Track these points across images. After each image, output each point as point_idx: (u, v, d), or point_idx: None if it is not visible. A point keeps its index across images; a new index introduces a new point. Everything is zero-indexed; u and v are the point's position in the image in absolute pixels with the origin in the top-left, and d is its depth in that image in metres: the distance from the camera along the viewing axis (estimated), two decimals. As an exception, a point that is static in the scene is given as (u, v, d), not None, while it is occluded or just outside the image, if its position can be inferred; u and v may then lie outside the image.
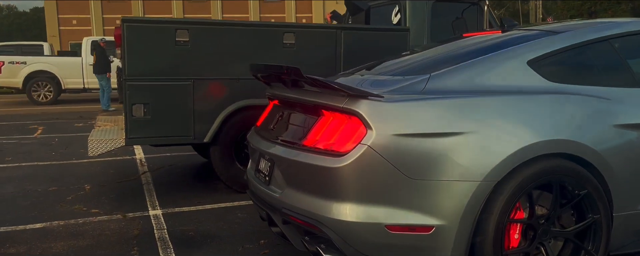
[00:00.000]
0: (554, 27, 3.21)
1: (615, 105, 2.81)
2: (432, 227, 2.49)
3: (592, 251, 2.73)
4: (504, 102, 2.64)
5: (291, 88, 3.02)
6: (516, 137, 2.56)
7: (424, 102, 2.57)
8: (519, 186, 2.54)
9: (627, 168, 2.78)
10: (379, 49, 5.15)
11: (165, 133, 4.71)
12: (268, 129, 3.27)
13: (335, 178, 2.51)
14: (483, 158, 2.50)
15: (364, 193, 2.49)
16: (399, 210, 2.49)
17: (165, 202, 4.80)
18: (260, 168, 3.18)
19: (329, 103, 2.64)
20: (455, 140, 2.50)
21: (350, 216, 2.49)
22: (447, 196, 2.49)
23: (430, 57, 3.29)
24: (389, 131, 2.47)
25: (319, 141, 2.66)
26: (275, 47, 4.89)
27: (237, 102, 4.85)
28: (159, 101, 4.63)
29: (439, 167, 2.48)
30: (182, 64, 4.66)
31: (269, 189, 2.99)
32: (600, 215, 2.71)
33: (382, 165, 2.46)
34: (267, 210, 3.00)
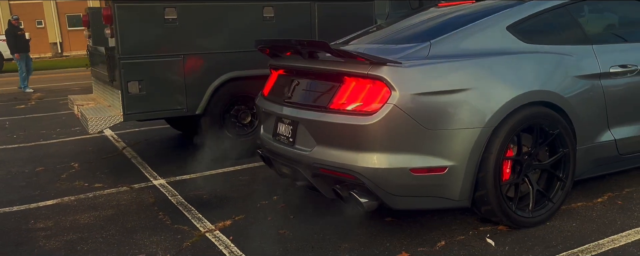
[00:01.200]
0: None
1: (574, 60, 3.47)
2: (446, 167, 3.06)
3: (563, 177, 3.42)
4: (494, 62, 3.22)
5: (307, 59, 3.44)
6: (506, 89, 3.15)
7: (434, 65, 3.10)
8: (511, 129, 3.15)
9: (585, 110, 3.46)
10: (347, 18, 5.62)
11: (160, 107, 4.99)
12: (281, 96, 3.68)
13: (366, 133, 3.00)
14: (483, 109, 3.08)
15: (390, 144, 3.00)
16: (419, 155, 3.03)
17: (163, 172, 5.10)
18: (280, 131, 3.60)
19: (352, 70, 3.10)
20: (461, 95, 3.06)
21: (381, 164, 3.01)
22: (456, 141, 3.05)
23: (422, 25, 3.80)
24: (409, 91, 2.98)
25: (345, 103, 3.13)
26: (256, 20, 5.23)
27: (225, 74, 5.18)
28: (152, 77, 4.88)
29: (449, 118, 3.04)
30: (172, 40, 4.91)
31: (294, 148, 3.43)
32: (568, 149, 3.39)
33: (405, 119, 2.98)
34: (294, 167, 3.45)
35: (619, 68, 3.58)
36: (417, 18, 4.08)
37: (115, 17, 4.68)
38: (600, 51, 3.59)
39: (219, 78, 5.16)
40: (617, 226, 3.33)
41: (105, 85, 5.52)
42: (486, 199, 3.17)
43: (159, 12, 4.83)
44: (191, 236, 3.53)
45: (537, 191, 3.35)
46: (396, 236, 3.35)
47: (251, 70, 5.26)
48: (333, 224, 3.58)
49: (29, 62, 13.31)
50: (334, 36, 4.71)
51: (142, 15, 4.78)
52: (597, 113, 3.53)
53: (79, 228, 3.78)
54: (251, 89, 5.37)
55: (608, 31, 3.86)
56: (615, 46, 3.74)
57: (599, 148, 3.59)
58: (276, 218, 3.77)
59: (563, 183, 3.42)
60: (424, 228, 3.44)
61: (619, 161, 3.73)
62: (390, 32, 3.93)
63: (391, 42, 3.61)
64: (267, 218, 3.79)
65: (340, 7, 5.63)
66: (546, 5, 3.60)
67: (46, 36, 33.37)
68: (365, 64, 3.05)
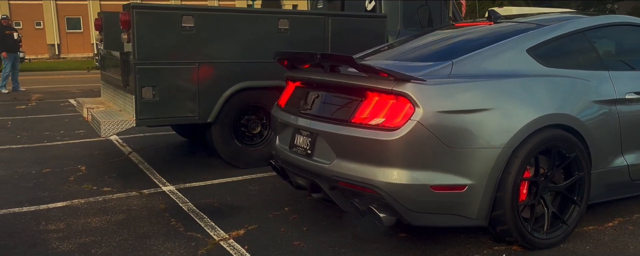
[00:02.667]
0: (539, 20, 3.88)
1: (591, 85, 3.53)
2: (465, 186, 3.09)
3: (577, 200, 3.46)
4: (515, 84, 3.27)
5: (329, 73, 3.48)
6: (527, 111, 3.20)
7: (458, 85, 3.15)
8: (530, 151, 3.19)
9: (601, 134, 3.52)
10: (360, 33, 5.68)
11: (172, 114, 5.00)
12: (300, 107, 3.71)
13: (388, 148, 3.03)
14: (504, 129, 3.12)
15: (412, 161, 3.03)
16: (440, 173, 3.06)
17: (172, 179, 5.10)
18: (298, 143, 3.63)
19: (376, 85, 3.14)
20: (483, 115, 3.10)
21: (401, 180, 3.04)
22: (477, 160, 3.09)
23: (440, 44, 3.86)
24: (433, 108, 3.02)
25: (367, 118, 3.16)
26: (271, 32, 5.28)
27: (238, 83, 5.20)
28: (166, 83, 4.90)
29: (471, 137, 3.08)
30: (188, 48, 4.94)
31: (313, 160, 3.46)
32: (584, 172, 3.44)
33: (427, 136, 3.01)
34: (312, 179, 3.47)
35: (634, 95, 3.65)
36: (435, 36, 4.14)
37: (133, 23, 4.70)
38: (616, 77, 3.66)
39: (231, 88, 5.19)
40: (630, 251, 3.37)
41: (117, 90, 5.53)
42: (503, 219, 3.20)
43: (177, 20, 4.86)
44: (205, 244, 3.53)
45: (552, 213, 3.39)
46: (411, 252, 3.36)
47: (264, 81, 5.29)
48: (347, 238, 3.59)
49: (16, 62, 13.24)
50: (346, 50, 4.76)
51: (160, 22, 4.81)
52: (612, 138, 3.58)
53: (91, 231, 3.77)
54: (263, 100, 5.40)
55: (622, 58, 3.93)
56: (631, 73, 3.80)
57: (612, 173, 3.64)
58: (289, 229, 3.78)
59: (578, 206, 3.46)
60: (438, 245, 3.46)
61: (630, 186, 3.78)
62: (408, 49, 3.98)
63: (410, 59, 3.66)
64: (280, 229, 3.79)
65: (353, 22, 5.69)
66: (564, 30, 3.67)
67: (44, 37, 33.31)
68: (389, 80, 3.09)
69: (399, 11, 6.74)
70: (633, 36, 4.05)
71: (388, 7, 6.81)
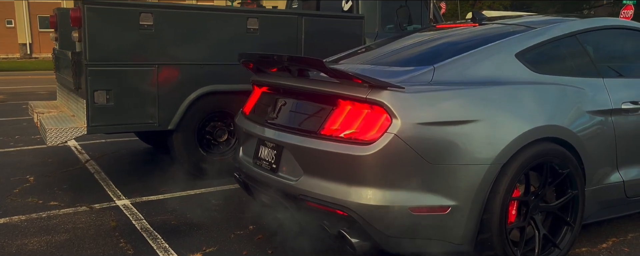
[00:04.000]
0: (527, 22, 3.55)
1: (586, 94, 3.21)
2: (449, 207, 2.73)
3: (570, 221, 3.13)
4: (504, 92, 2.93)
5: (297, 77, 3.10)
6: (517, 123, 2.85)
7: (440, 93, 2.79)
8: (520, 167, 2.85)
9: (595, 148, 3.19)
10: (335, 35, 5.31)
11: (129, 120, 4.57)
12: (265, 116, 3.32)
13: (362, 165, 2.66)
14: (491, 143, 2.77)
15: (389, 179, 2.67)
16: (420, 193, 2.70)
17: (128, 191, 4.66)
18: (262, 155, 3.24)
19: (348, 93, 2.77)
20: (468, 127, 2.75)
21: (377, 201, 2.67)
22: (461, 178, 2.74)
23: (421, 47, 3.50)
24: (412, 120, 2.66)
25: (338, 130, 2.79)
26: (239, 32, 4.88)
27: (202, 87, 4.79)
28: (122, 87, 4.46)
29: (455, 152, 2.72)
30: (146, 48, 4.51)
31: (277, 176, 3.07)
32: (578, 190, 3.11)
33: (406, 152, 2.65)
34: (277, 197, 3.08)
35: (630, 105, 3.34)
36: (414, 39, 3.79)
37: (84, 20, 4.27)
38: (610, 85, 3.35)
39: (195, 92, 4.77)
40: (628, 277, 3.06)
41: (70, 93, 5.08)
42: (489, 243, 2.85)
43: (134, 17, 4.43)
44: (155, 271, 3.12)
45: (543, 235, 3.05)
46: (387, 280, 3.00)
47: (231, 85, 4.89)
48: (316, 262, 3.21)
49: None
50: (320, 53, 4.39)
51: (115, 19, 4.37)
52: (607, 152, 3.26)
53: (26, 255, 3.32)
54: (229, 105, 5.00)
55: (616, 64, 3.62)
56: (626, 81, 3.50)
57: (607, 190, 3.32)
58: (252, 252, 3.38)
59: (571, 227, 3.12)
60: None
61: (626, 204, 3.47)
62: (386, 52, 3.62)
63: (388, 64, 3.30)
64: (242, 251, 3.39)
65: (329, 23, 5.32)
66: (556, 33, 3.34)
67: (15, 36, 32.33)
68: (363, 87, 2.72)
69: (377, 12, 6.41)
70: (627, 40, 3.75)
71: (366, 8, 6.46)
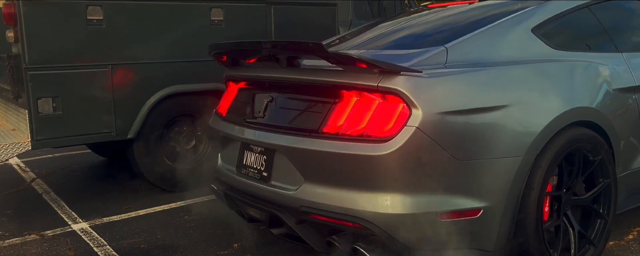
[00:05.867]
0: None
1: (609, 71, 2.87)
2: (480, 210, 2.33)
3: (604, 214, 2.78)
4: (530, 72, 2.55)
5: (287, 68, 2.62)
6: (548, 107, 2.48)
7: (464, 75, 2.38)
8: (554, 157, 2.47)
9: (623, 130, 2.86)
10: (308, 24, 4.86)
11: (81, 131, 3.97)
12: (248, 115, 2.84)
13: (379, 167, 2.22)
14: (523, 132, 2.39)
15: (411, 181, 2.24)
16: (448, 195, 2.29)
17: (85, 212, 4.05)
18: (248, 162, 2.75)
19: (355, 82, 2.32)
20: (498, 114, 2.35)
21: (398, 208, 2.23)
22: (492, 175, 2.34)
23: (424, 27, 3.09)
24: (435, 109, 2.23)
25: (345, 126, 2.33)
26: (203, 24, 4.35)
27: (163, 89, 4.23)
28: (71, 93, 3.86)
29: (484, 144, 2.32)
30: (97, 47, 3.93)
31: (270, 186, 2.60)
32: (609, 179, 2.76)
33: (430, 147, 2.22)
34: (270, 210, 2.61)
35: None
36: (410, 21, 3.37)
37: (20, 17, 3.64)
38: (630, 60, 3.02)
39: (156, 95, 4.20)
40: (671, 271, 2.74)
41: (9, 103, 4.41)
42: (525, 247, 2.46)
43: (80, 12, 3.83)
44: (129, 310, 2.58)
45: (578, 232, 2.69)
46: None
47: (196, 84, 4.35)
48: (320, 283, 2.75)
49: None
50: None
51: (58, 15, 3.76)
52: (633, 134, 2.94)
53: (-36, 303, 2.72)
54: (195, 107, 4.46)
55: (632, 37, 3.30)
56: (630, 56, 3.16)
57: (633, 176, 3.00)
58: (243, 276, 2.89)
59: (605, 220, 2.78)
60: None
61: (651, 191, 3.16)
62: (381, 35, 3.19)
63: (388, 47, 2.88)
64: (231, 276, 2.90)
65: (300, 11, 4.85)
66: (570, 4, 2.99)
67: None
68: (372, 74, 2.27)
69: (350, -1, 5.99)
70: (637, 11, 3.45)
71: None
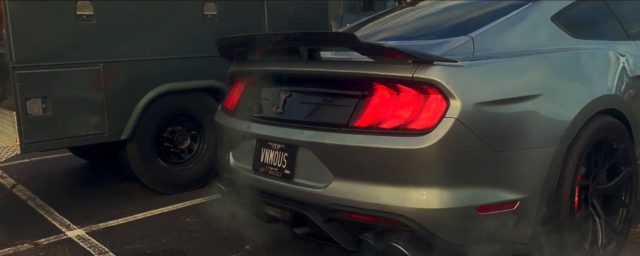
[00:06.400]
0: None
1: (626, 59, 2.86)
2: (517, 201, 2.28)
3: (626, 202, 2.78)
4: (558, 60, 2.52)
5: (308, 61, 2.52)
6: (578, 95, 2.46)
7: (498, 64, 2.33)
8: (585, 146, 2.45)
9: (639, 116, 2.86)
10: (301, 19, 4.77)
11: (73, 133, 3.77)
12: (261, 111, 2.74)
13: (417, 160, 2.14)
14: (556, 121, 2.36)
15: (450, 174, 2.17)
16: (486, 188, 2.23)
17: (78, 218, 3.85)
18: (267, 160, 2.64)
19: (388, 73, 2.23)
20: (532, 103, 2.31)
21: (438, 203, 2.16)
22: (528, 165, 2.30)
23: (440, 17, 3.02)
24: (472, 100, 2.17)
25: (378, 120, 2.25)
26: (196, 19, 4.19)
27: (158, 87, 4.06)
28: (61, 93, 3.67)
29: (520, 135, 2.27)
30: (88, 44, 3.74)
31: (294, 184, 2.50)
32: (631, 166, 2.76)
33: (469, 139, 2.16)
34: (294, 209, 2.50)
35: None
36: (420, 11, 3.30)
37: (6, 13, 3.43)
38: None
39: (150, 93, 4.03)
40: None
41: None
42: (559, 237, 2.42)
43: (69, 7, 3.63)
44: None
45: (604, 222, 2.67)
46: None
47: (191, 82, 4.21)
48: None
49: None
50: None
51: (45, 11, 3.56)
52: (648, 121, 2.94)
53: None
54: (191, 105, 4.31)
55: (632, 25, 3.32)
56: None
57: (648, 164, 3.01)
58: (263, 279, 2.77)
59: (627, 209, 2.77)
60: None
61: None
62: (395, 25, 3.11)
63: (408, 38, 2.80)
64: (251, 279, 2.78)
65: (293, 6, 4.74)
66: (583, -8, 2.97)
67: None
68: (406, 65, 2.19)
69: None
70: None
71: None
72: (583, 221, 2.58)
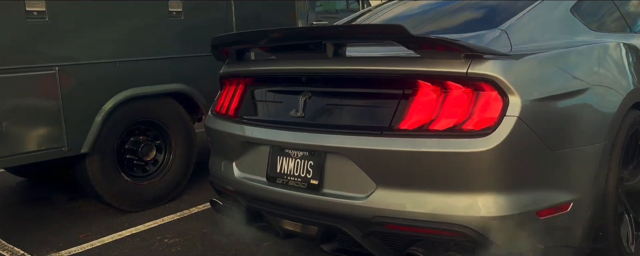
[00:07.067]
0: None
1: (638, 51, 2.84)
2: (570, 203, 2.14)
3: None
4: (594, 53, 2.42)
5: (333, 58, 2.25)
6: (616, 89, 2.37)
7: (548, 58, 2.19)
8: (624, 141, 2.37)
9: None
10: (269, 16, 4.47)
11: (25, 148, 3.25)
12: (277, 115, 2.46)
13: (478, 164, 1.94)
14: (603, 115, 2.26)
15: (513, 178, 1.99)
16: (545, 190, 2.07)
17: (33, 247, 3.33)
18: (285, 170, 2.36)
19: (439, 69, 2.01)
20: (581, 98, 2.20)
21: (500, 210, 1.97)
22: (580, 164, 2.17)
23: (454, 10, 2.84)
24: (530, 96, 2.00)
25: (430, 120, 2.03)
26: (160, 16, 3.78)
27: (121, 92, 3.61)
28: (10, 102, 3.16)
29: (572, 132, 2.14)
30: (40, 45, 3.24)
31: (323, 195, 2.23)
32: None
33: (529, 138, 1.99)
34: (326, 223, 2.23)
35: None
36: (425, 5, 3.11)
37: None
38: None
39: (112, 99, 3.57)
40: None
41: None
42: (604, 237, 2.32)
43: (17, 3, 3.12)
44: None
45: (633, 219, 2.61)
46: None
47: (157, 86, 3.79)
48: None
49: None
50: None
51: (-10, 6, 3.04)
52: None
53: None
54: (156, 112, 3.89)
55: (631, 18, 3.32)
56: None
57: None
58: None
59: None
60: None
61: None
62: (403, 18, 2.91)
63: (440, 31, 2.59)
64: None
65: (261, 2, 4.42)
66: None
67: None
68: (458, 60, 1.99)
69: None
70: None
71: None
72: (621, 220, 2.50)
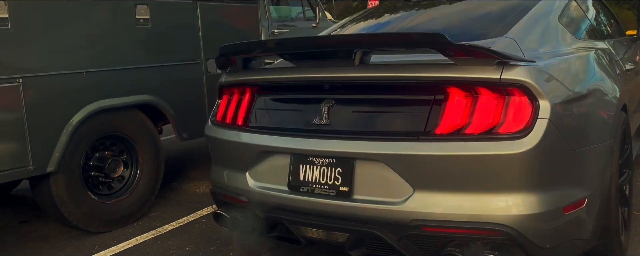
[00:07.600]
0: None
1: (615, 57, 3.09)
2: (585, 198, 2.28)
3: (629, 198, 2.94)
4: (595, 59, 2.61)
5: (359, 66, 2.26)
6: (614, 90, 2.56)
7: (562, 64, 2.32)
8: (621, 139, 2.57)
9: None
10: (233, 22, 4.41)
11: (-12, 168, 2.93)
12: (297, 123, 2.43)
13: (516, 165, 2.03)
14: (606, 117, 2.43)
15: (545, 176, 2.09)
16: (568, 187, 2.19)
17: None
18: (310, 178, 2.34)
19: (472, 75, 2.07)
20: (593, 100, 2.37)
21: (534, 208, 2.06)
22: (593, 162, 2.33)
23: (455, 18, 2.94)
24: (556, 99, 2.12)
25: (465, 124, 2.08)
26: (128, 23, 3.57)
27: (88, 105, 3.36)
28: (-29, 118, 2.83)
29: (587, 132, 2.30)
30: (2, 55, 2.95)
31: (354, 201, 2.23)
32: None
33: (557, 139, 2.10)
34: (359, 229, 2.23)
35: (630, 66, 3.36)
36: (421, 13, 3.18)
37: None
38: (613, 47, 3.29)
39: (80, 113, 3.31)
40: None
41: None
42: (606, 232, 2.48)
43: (-21, 7, 2.84)
44: None
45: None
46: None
47: (126, 97, 3.57)
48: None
49: None
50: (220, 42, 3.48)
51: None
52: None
53: None
54: (123, 125, 3.66)
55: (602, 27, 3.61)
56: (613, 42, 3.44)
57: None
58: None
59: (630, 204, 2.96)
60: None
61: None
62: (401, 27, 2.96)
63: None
64: None
65: (225, 9, 4.32)
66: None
67: None
68: (491, 66, 2.06)
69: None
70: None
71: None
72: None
